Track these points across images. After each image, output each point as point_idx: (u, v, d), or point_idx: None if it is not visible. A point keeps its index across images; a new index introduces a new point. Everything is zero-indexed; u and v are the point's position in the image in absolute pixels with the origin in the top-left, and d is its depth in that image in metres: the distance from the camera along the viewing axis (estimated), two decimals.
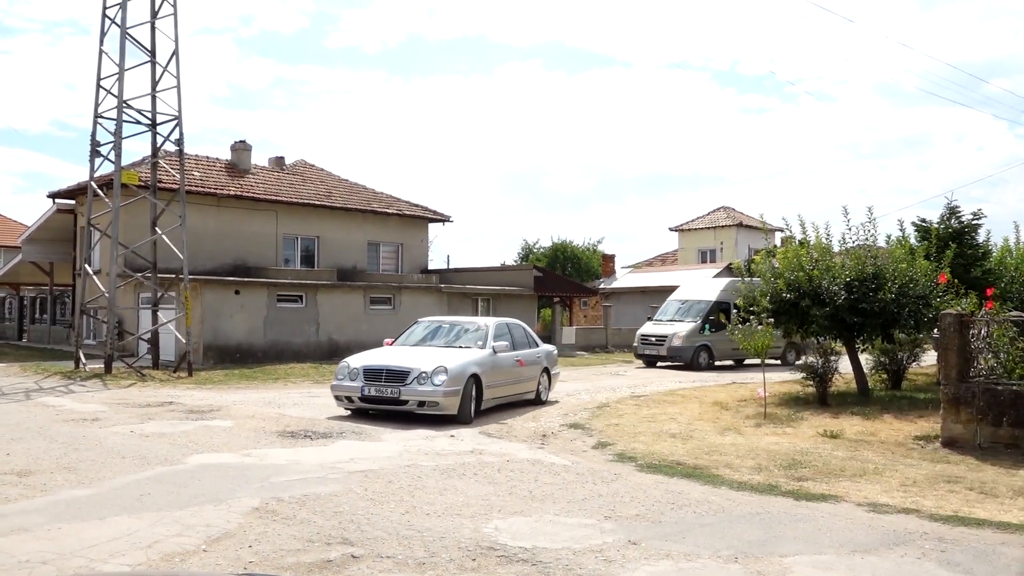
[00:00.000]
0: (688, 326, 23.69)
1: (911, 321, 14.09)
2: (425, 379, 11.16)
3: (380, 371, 11.52)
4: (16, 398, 14.30)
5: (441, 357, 11.70)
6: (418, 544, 5.55)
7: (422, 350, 12.40)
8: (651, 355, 24.07)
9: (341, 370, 11.97)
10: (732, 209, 47.81)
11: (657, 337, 23.68)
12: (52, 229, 29.89)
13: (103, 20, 19.69)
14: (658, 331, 23.97)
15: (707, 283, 26.60)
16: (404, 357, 11.83)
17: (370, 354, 12.55)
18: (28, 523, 6.00)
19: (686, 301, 25.37)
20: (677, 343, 23.18)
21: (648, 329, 24.64)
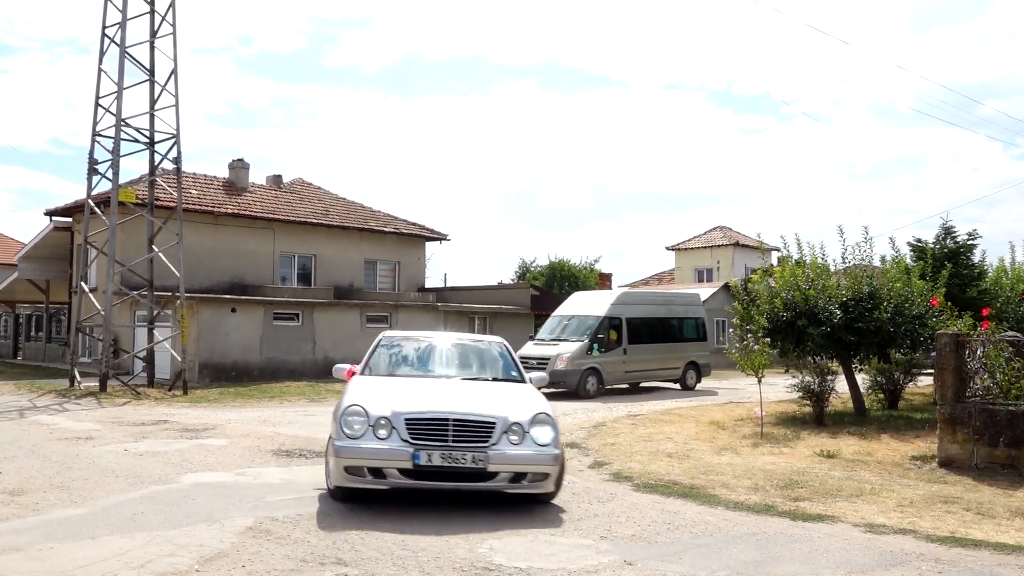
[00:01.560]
0: (574, 346, 20.06)
1: (907, 341, 14.11)
2: (520, 434, 7.05)
3: (442, 422, 6.95)
4: (10, 416, 14.23)
5: (514, 397, 7.76)
6: (412, 565, 5.52)
7: (450, 386, 8.17)
8: None
9: (350, 420, 7.01)
10: (728, 228, 47.94)
11: (539, 360, 19.37)
12: (49, 247, 29.90)
13: (102, 39, 19.82)
14: (540, 352, 20.09)
15: (597, 297, 23.39)
16: (455, 397, 7.58)
17: (389, 391, 7.66)
18: (20, 542, 5.95)
19: (572, 317, 21.74)
20: (561, 366, 19.36)
21: (529, 350, 20.54)
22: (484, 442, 6.88)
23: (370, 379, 8.30)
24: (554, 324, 22.06)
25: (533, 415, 7.21)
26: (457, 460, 6.79)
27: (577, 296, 24.17)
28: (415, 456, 6.76)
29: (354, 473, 6.88)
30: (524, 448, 6.99)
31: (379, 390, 7.71)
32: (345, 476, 6.93)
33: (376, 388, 7.82)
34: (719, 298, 37.56)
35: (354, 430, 6.94)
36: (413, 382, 8.24)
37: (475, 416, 7.05)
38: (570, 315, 21.92)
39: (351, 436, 6.93)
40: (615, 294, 22.83)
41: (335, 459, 6.96)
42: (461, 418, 7.00)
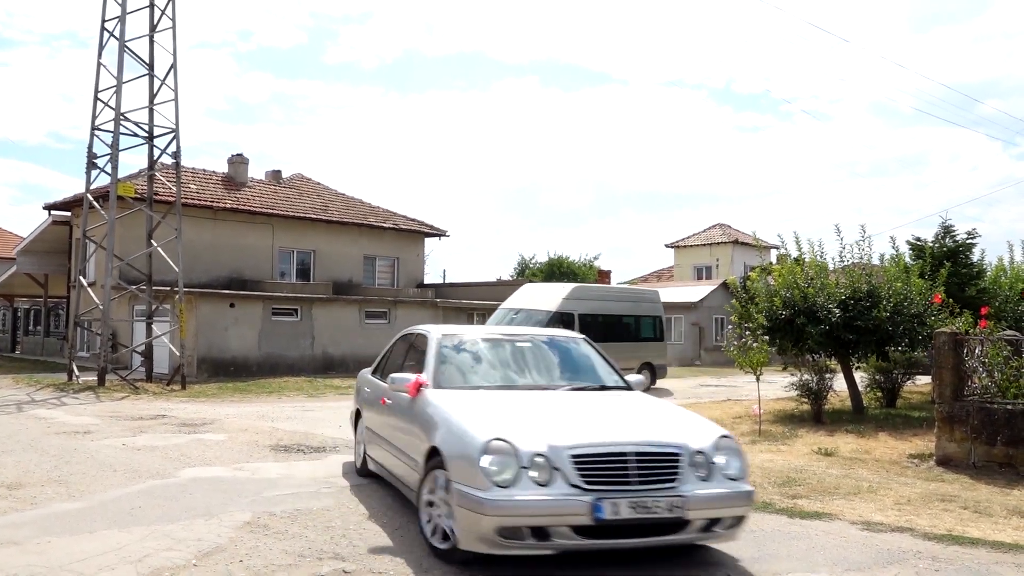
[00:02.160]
0: None
1: (905, 339, 14.11)
2: (705, 466, 5.38)
3: (618, 456, 5.18)
4: (8, 410, 14.23)
5: (664, 413, 6.25)
6: (410, 560, 5.52)
7: (575, 402, 6.39)
8: None
9: (497, 460, 5.09)
10: (728, 226, 47.96)
11: None
12: (47, 241, 29.88)
13: (102, 33, 19.78)
14: None
15: (548, 289, 21.64)
16: (603, 419, 5.93)
17: (511, 414, 5.81)
18: (17, 536, 5.95)
19: (520, 311, 20.08)
20: None
21: None
22: (671, 480, 5.17)
23: (460, 395, 6.27)
24: (500, 317, 20.35)
25: (714, 439, 5.52)
26: (649, 508, 5.00)
27: (527, 288, 22.43)
28: (596, 508, 4.90)
29: (511, 536, 4.93)
30: (715, 485, 5.31)
31: (496, 412, 5.81)
32: (497, 540, 4.95)
33: (490, 409, 5.87)
34: (718, 296, 37.62)
35: (504, 475, 4.98)
36: (521, 398, 6.32)
37: (657, 445, 5.31)
38: (518, 308, 20.29)
39: (501, 483, 4.95)
40: (568, 287, 21.16)
41: (479, 516, 4.94)
42: (642, 450, 5.23)
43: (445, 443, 5.50)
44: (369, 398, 8.20)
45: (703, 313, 38.50)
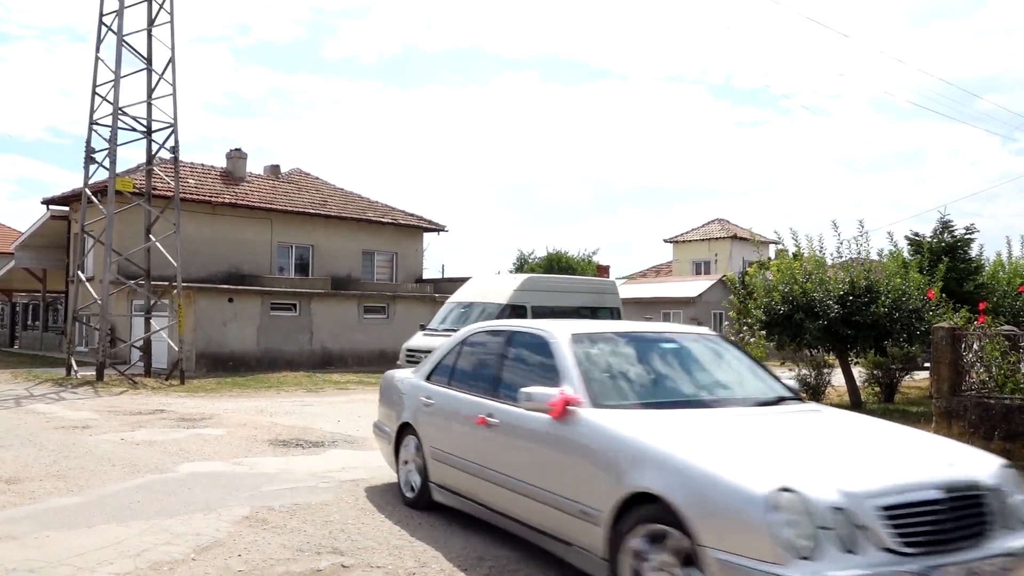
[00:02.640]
0: None
1: (904, 334, 14.13)
2: (1004, 507, 4.13)
3: (931, 504, 3.86)
4: (7, 405, 14.23)
5: (905, 436, 4.96)
6: (408, 554, 5.53)
7: (784, 424, 5.00)
8: None
9: (788, 520, 3.59)
10: (727, 221, 47.97)
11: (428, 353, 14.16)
12: (46, 235, 29.85)
13: (100, 27, 19.72)
14: (431, 344, 16.34)
15: (500, 281, 20.36)
16: (863, 453, 4.48)
17: (765, 447, 4.39)
18: (16, 531, 5.96)
19: (470, 304, 19.13)
20: None
21: (418, 342, 18.00)
22: (982, 531, 3.92)
23: (647, 417, 4.77)
24: (448, 311, 19.34)
25: (997, 470, 4.27)
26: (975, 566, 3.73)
27: (478, 280, 21.11)
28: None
29: None
30: (1021, 533, 4.02)
31: (735, 443, 4.38)
32: None
33: (720, 439, 4.44)
34: (717, 291, 37.67)
35: (803, 540, 3.58)
36: (723, 419, 4.88)
37: (961, 484, 4.01)
38: (468, 302, 19.23)
39: (803, 553, 3.55)
40: (520, 278, 19.86)
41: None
42: (951, 493, 3.92)
43: (676, 490, 3.96)
44: (438, 413, 6.48)
45: (702, 308, 38.53)
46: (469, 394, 6.17)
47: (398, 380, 7.53)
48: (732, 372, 5.89)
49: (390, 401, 7.49)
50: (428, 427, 6.62)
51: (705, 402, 5.28)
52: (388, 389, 7.64)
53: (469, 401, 6.08)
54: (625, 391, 5.31)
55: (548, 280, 21.27)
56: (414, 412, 6.86)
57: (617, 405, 4.99)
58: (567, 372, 5.26)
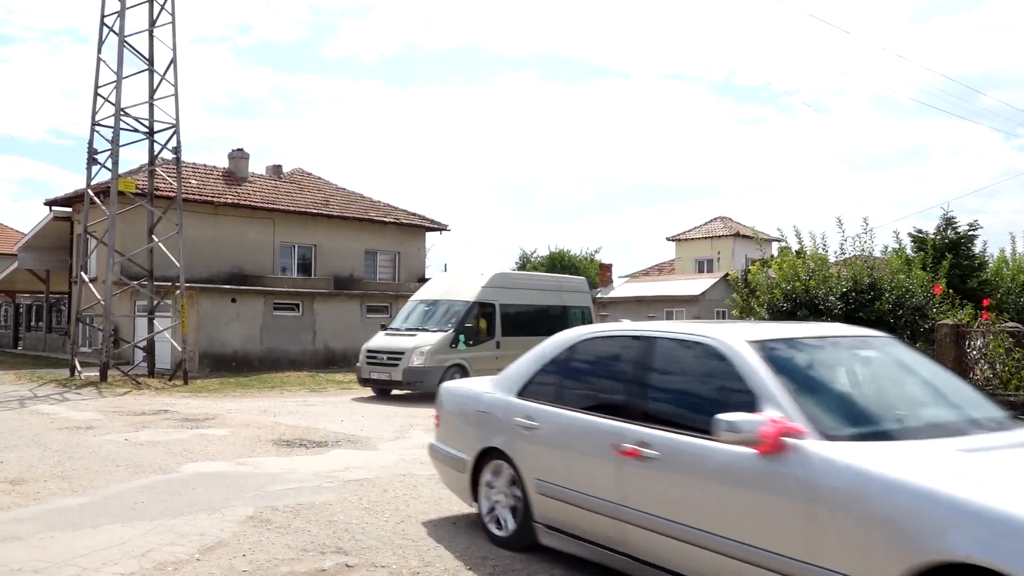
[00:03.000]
0: (435, 337, 16.72)
1: (908, 332, 14.09)
2: None
3: None
4: (11, 406, 14.26)
5: None
6: (412, 553, 5.53)
7: None
8: (381, 380, 16.59)
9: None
10: (729, 219, 47.94)
11: (391, 354, 16.51)
12: (48, 237, 29.89)
13: (101, 28, 19.75)
14: (392, 345, 16.76)
15: (465, 278, 18.97)
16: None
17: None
18: (21, 531, 5.97)
19: (436, 302, 18.18)
20: (417, 362, 16.14)
21: (380, 342, 17.22)
22: None
23: (894, 452, 3.71)
24: (411, 310, 18.46)
25: None
26: None
27: (442, 277, 20.47)
28: None
29: None
30: None
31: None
32: None
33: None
34: (719, 289, 37.64)
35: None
36: (987, 453, 3.81)
37: None
38: (433, 299, 18.34)
39: None
40: (487, 275, 18.53)
41: None
42: None
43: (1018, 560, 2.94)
44: (548, 438, 5.34)
45: (705, 306, 38.52)
46: (597, 416, 5.01)
47: (474, 395, 6.24)
48: (941, 385, 4.84)
49: (463, 420, 6.26)
50: (531, 455, 5.44)
51: (949, 428, 4.20)
52: (458, 405, 6.44)
53: (601, 426, 4.91)
54: (851, 416, 4.20)
55: (518, 277, 20.40)
56: (507, 436, 5.64)
57: (853, 436, 3.89)
58: (767, 392, 4.09)
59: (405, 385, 16.19)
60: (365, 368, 16.91)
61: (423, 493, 7.48)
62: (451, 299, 17.96)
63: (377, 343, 17.22)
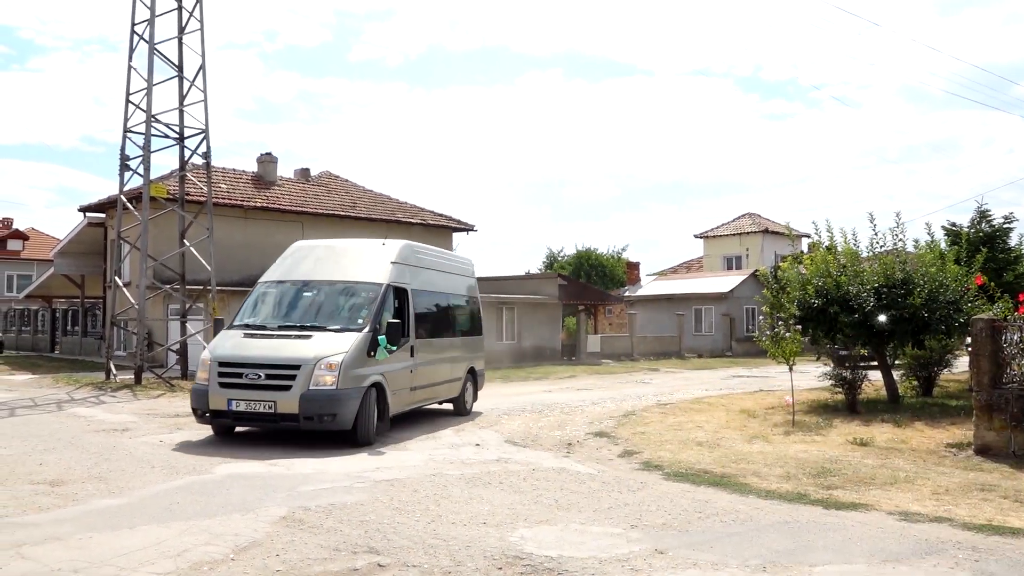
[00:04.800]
0: (347, 341, 10.45)
1: (942, 327, 13.88)
2: None
3: None
4: (48, 409, 14.52)
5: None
6: (444, 553, 5.55)
7: None
8: (255, 414, 10.24)
9: None
10: (757, 215, 47.50)
11: (271, 369, 10.19)
12: (83, 242, 30.37)
13: (132, 37, 20.02)
14: (273, 353, 10.38)
15: (358, 248, 12.91)
16: None
17: None
18: (60, 532, 6.08)
19: (306, 284, 11.87)
20: (328, 382, 10.02)
21: (241, 349, 10.65)
22: None
23: None
24: (279, 297, 11.82)
25: None
26: None
27: (312, 247, 13.07)
28: None
29: None
30: None
31: None
32: None
33: None
34: (749, 286, 37.30)
35: None
36: None
37: None
38: (303, 280, 11.85)
39: None
40: (394, 246, 12.48)
41: None
42: None
43: None
44: None
45: (734, 304, 38.21)
46: None
47: None
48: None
49: None
50: None
51: None
52: None
53: None
54: None
55: (424, 253, 13.75)
56: None
57: None
58: None
59: (302, 420, 9.84)
60: (216, 393, 10.22)
61: (453, 492, 7.51)
62: (350, 280, 11.54)
63: (236, 350, 10.50)
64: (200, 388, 10.49)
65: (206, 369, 10.50)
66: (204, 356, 10.77)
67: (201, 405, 10.43)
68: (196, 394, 10.55)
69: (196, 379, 10.81)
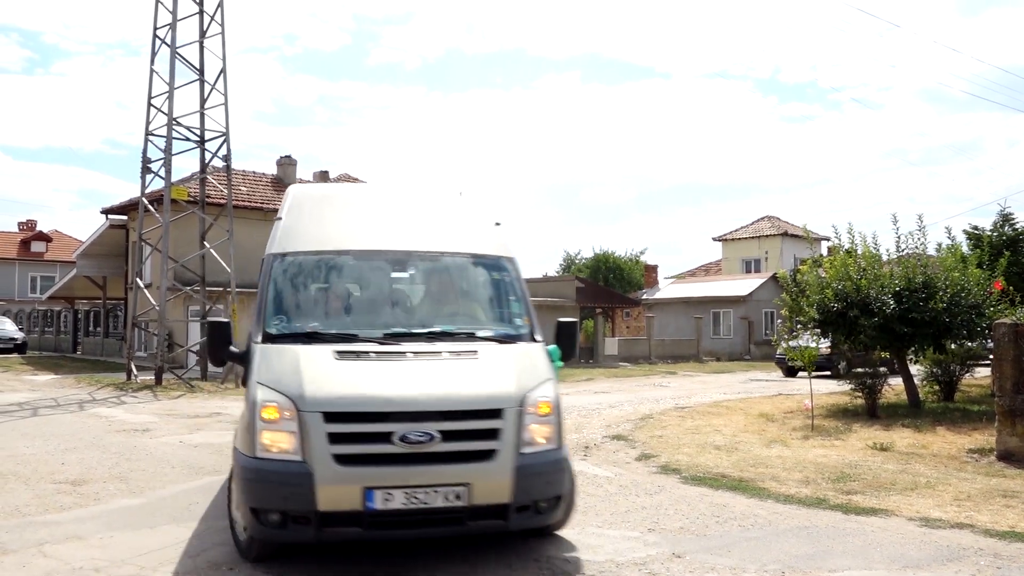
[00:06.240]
0: (530, 360, 5.76)
1: (963, 331, 13.73)
2: None
3: None
4: (70, 409, 14.67)
5: None
6: (458, 554, 5.56)
7: None
8: (398, 513, 4.93)
9: None
10: (776, 218, 47.23)
11: (438, 423, 5.00)
12: (105, 244, 30.70)
13: (154, 41, 20.23)
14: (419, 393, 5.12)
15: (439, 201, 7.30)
16: None
17: None
18: (82, 531, 6.14)
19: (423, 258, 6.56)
20: (546, 439, 5.36)
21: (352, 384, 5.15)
22: None
23: None
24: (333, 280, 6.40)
25: None
26: None
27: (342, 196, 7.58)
28: None
29: None
30: None
31: None
32: None
33: None
34: (767, 289, 37.09)
35: None
36: None
37: None
38: (386, 251, 6.45)
39: None
40: (480, 202, 7.22)
41: None
42: None
43: None
44: None
45: (752, 307, 38.00)
46: None
47: None
48: None
49: None
50: None
51: None
52: None
53: None
54: None
55: None
56: None
57: None
58: None
59: (514, 514, 5.20)
60: (333, 476, 4.90)
61: None
62: (458, 251, 6.67)
63: (359, 386, 5.18)
64: (274, 469, 4.97)
65: (288, 428, 5.01)
66: (269, 399, 5.08)
67: (288, 503, 4.93)
68: (262, 484, 4.98)
69: (255, 449, 5.03)
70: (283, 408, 5.00)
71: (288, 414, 4.98)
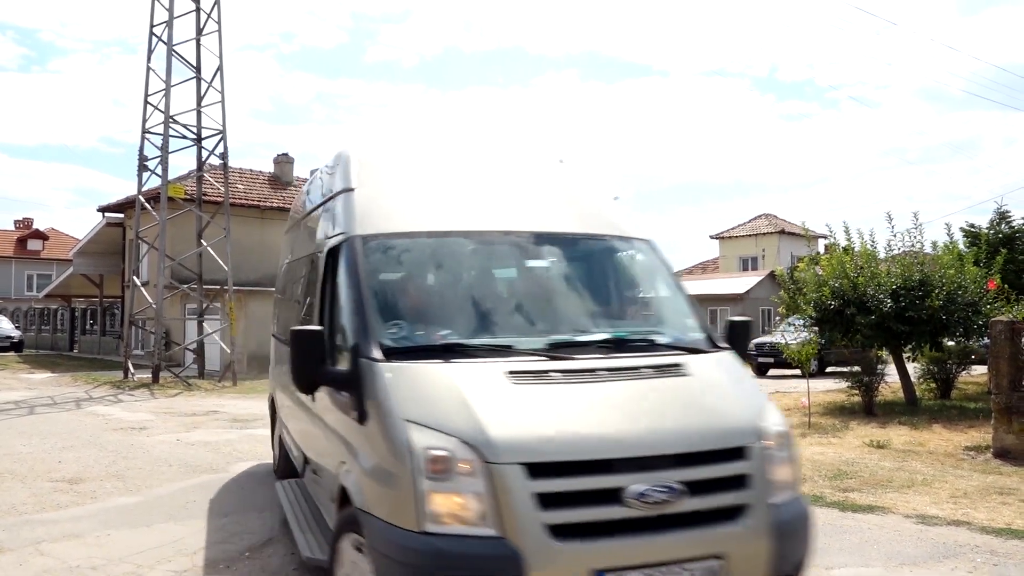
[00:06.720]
0: (733, 376, 4.55)
1: (960, 329, 13.76)
2: None
3: None
4: (67, 407, 14.66)
5: None
6: None
7: None
8: None
9: None
10: (774, 216, 47.25)
11: (676, 472, 3.59)
12: (102, 242, 30.65)
13: (150, 38, 20.19)
14: (650, 434, 3.68)
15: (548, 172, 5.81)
16: None
17: None
18: (78, 529, 6.14)
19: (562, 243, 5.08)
20: (789, 483, 4.06)
21: (559, 422, 3.59)
22: None
23: None
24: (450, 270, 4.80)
25: None
26: None
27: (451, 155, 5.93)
28: None
29: None
30: None
31: None
32: None
33: None
34: (765, 287, 37.14)
35: None
36: None
37: None
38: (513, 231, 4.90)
39: None
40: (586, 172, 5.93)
41: None
42: None
43: None
44: None
45: (749, 305, 38.03)
46: None
47: None
48: None
49: None
50: None
51: None
52: None
53: None
54: None
55: None
56: None
57: None
58: None
59: None
60: (542, 549, 3.31)
61: None
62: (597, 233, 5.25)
63: (570, 425, 3.58)
64: (460, 551, 3.35)
65: (471, 487, 3.41)
66: (435, 446, 3.46)
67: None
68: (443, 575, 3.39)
69: (422, 520, 3.38)
70: (458, 458, 3.38)
71: (467, 467, 3.38)
